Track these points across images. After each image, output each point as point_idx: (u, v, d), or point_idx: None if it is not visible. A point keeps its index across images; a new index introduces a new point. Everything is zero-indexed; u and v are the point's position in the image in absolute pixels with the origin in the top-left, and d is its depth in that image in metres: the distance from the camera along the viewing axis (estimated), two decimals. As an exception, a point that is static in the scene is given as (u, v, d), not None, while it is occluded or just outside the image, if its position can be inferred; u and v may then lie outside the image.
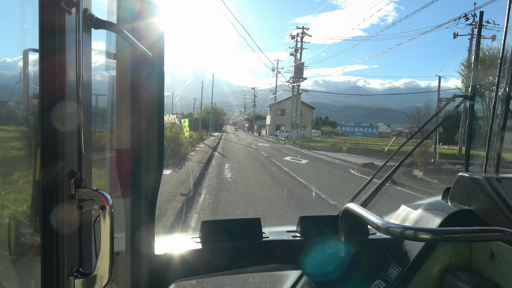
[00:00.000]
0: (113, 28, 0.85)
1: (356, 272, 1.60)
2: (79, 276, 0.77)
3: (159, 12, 1.16)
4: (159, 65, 1.16)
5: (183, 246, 1.42)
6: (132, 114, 1.15)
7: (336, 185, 12.28)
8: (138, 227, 1.19)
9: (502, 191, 1.46)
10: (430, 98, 40.53)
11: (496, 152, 1.88)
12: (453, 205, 1.64)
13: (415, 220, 1.65)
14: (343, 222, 1.39)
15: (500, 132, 1.88)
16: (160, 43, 1.16)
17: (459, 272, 1.46)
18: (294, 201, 9.27)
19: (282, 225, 1.81)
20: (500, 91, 1.90)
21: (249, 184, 11.64)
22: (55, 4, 0.69)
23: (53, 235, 0.73)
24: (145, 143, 1.18)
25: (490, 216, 1.47)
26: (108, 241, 0.76)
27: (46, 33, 0.70)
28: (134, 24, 1.12)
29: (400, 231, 1.01)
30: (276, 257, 1.55)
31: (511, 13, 1.82)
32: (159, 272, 1.32)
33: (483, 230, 1.10)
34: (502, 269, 1.35)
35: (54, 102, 0.72)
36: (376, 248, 1.65)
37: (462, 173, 1.68)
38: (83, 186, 0.75)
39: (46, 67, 0.71)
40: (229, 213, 7.71)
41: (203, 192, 9.74)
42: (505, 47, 1.85)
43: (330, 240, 1.54)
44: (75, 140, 0.76)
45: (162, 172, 1.22)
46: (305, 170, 16.76)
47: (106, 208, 0.75)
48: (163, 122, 1.20)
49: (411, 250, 1.54)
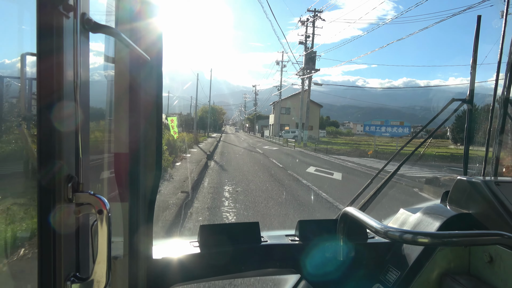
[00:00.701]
0: (111, 32, 0.85)
1: (355, 276, 1.59)
2: (76, 281, 0.76)
3: (157, 13, 1.15)
4: (158, 68, 1.16)
5: (182, 250, 1.41)
6: (130, 117, 1.15)
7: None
8: (136, 231, 1.18)
9: (501, 195, 1.46)
10: (430, 97, 39.41)
11: (495, 156, 1.88)
12: (452, 209, 1.64)
13: (414, 224, 1.65)
14: (342, 226, 1.39)
15: (499, 135, 1.88)
16: (159, 45, 1.16)
17: (458, 276, 1.46)
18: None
19: (281, 229, 1.80)
20: (498, 94, 1.90)
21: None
22: (53, 8, 0.69)
23: (50, 239, 0.72)
24: (143, 146, 1.17)
25: (488, 220, 1.47)
26: (106, 245, 0.76)
27: (44, 37, 0.70)
28: (132, 26, 1.12)
29: (399, 235, 1.01)
30: (275, 261, 1.54)
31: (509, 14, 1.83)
32: (157, 276, 1.31)
33: (482, 234, 1.10)
34: (501, 273, 1.35)
35: (52, 106, 0.71)
36: (375, 252, 1.65)
37: (461, 177, 1.68)
38: (80, 190, 0.75)
39: (44, 70, 0.71)
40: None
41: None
42: (503, 49, 1.86)
43: (329, 244, 1.54)
44: (73, 144, 0.76)
45: (161, 175, 1.21)
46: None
47: (103, 213, 0.74)
48: (162, 125, 1.20)
49: (410, 254, 1.53)
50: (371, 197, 1.87)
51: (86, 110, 0.81)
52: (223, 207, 8.26)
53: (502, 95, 1.85)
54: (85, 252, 0.83)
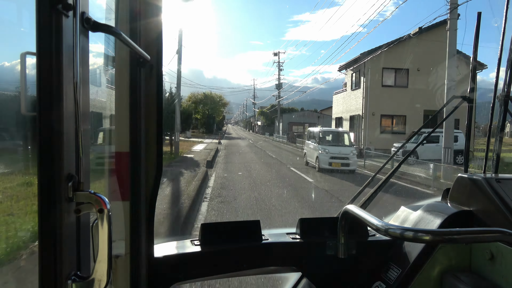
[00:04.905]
0: (111, 31, 0.85)
1: (356, 274, 1.60)
2: (77, 280, 0.76)
3: (157, 13, 1.16)
4: (158, 66, 1.16)
5: (183, 249, 1.42)
6: (131, 116, 1.15)
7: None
8: (137, 230, 1.18)
9: (502, 192, 1.46)
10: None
11: (495, 153, 1.88)
12: (453, 206, 1.64)
13: (415, 221, 1.65)
14: (343, 224, 1.39)
15: (499, 132, 1.88)
16: (158, 45, 1.16)
17: (459, 273, 1.46)
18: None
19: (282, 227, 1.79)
20: (498, 91, 1.90)
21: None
22: (52, 7, 0.69)
23: (51, 238, 0.73)
24: (144, 145, 1.18)
25: (490, 217, 1.47)
26: (106, 244, 0.76)
27: (43, 36, 0.70)
28: (132, 26, 1.12)
29: (400, 233, 1.01)
30: (276, 259, 1.54)
31: (509, 13, 1.82)
32: (159, 275, 1.32)
33: (483, 231, 1.10)
34: (502, 270, 1.35)
35: (52, 105, 0.71)
36: (376, 250, 1.65)
37: (462, 174, 1.68)
38: (80, 189, 0.75)
39: (43, 70, 0.71)
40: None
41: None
42: (503, 46, 1.85)
43: (330, 242, 1.54)
44: (73, 143, 0.76)
45: (161, 174, 1.22)
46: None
47: (104, 211, 0.74)
48: (162, 124, 1.21)
49: (411, 252, 1.54)
50: (372, 195, 1.87)
51: (86, 108, 0.82)
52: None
53: (503, 91, 1.85)
54: (85, 251, 0.83)
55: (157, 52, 1.15)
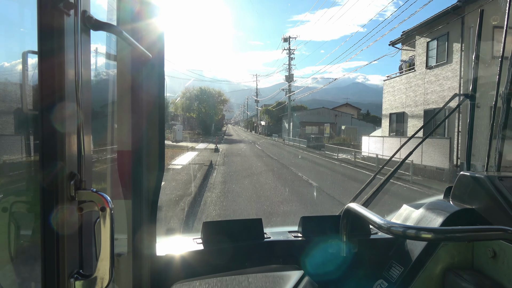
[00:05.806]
0: (112, 30, 0.85)
1: (358, 272, 1.59)
2: (80, 278, 0.77)
3: (158, 12, 1.15)
4: (159, 66, 1.16)
5: (185, 247, 1.42)
6: (133, 114, 1.15)
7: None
8: (139, 228, 1.18)
9: (504, 190, 1.45)
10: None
11: (498, 151, 1.88)
12: (455, 204, 1.64)
13: (417, 219, 1.65)
14: (345, 222, 1.39)
15: (502, 130, 1.87)
16: (160, 44, 1.16)
17: (461, 271, 1.46)
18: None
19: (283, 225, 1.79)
20: (501, 89, 1.89)
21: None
22: (53, 6, 0.68)
23: (53, 237, 0.73)
24: (145, 143, 1.18)
25: (492, 215, 1.46)
26: (109, 242, 0.76)
27: (45, 35, 0.70)
28: (133, 25, 1.12)
29: (402, 231, 1.01)
30: (277, 257, 1.54)
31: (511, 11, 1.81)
32: (161, 273, 1.32)
33: (485, 229, 1.10)
34: (504, 268, 1.34)
35: (54, 104, 0.71)
36: (378, 248, 1.65)
37: (464, 172, 1.67)
38: (83, 188, 0.75)
39: (45, 69, 0.71)
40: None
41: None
42: (506, 45, 1.85)
43: (332, 240, 1.54)
44: (75, 141, 0.76)
45: (163, 173, 1.22)
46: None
47: (106, 210, 0.74)
48: (164, 123, 1.21)
49: (413, 250, 1.53)
50: (374, 193, 1.87)
51: (88, 107, 0.82)
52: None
53: (505, 89, 1.84)
54: (88, 249, 0.83)
55: (158, 50, 1.15)
